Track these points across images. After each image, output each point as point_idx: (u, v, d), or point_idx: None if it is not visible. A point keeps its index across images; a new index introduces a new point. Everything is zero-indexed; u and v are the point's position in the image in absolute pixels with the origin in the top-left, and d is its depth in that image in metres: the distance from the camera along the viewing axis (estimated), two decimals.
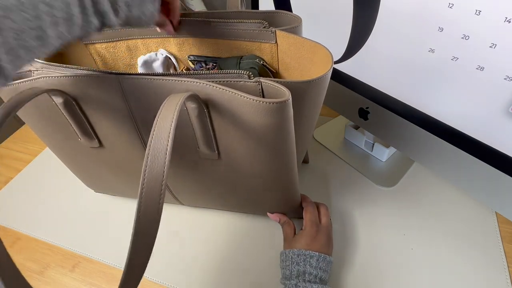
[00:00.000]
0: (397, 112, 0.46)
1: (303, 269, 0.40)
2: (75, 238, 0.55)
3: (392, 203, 0.53)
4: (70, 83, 0.36)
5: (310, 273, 0.40)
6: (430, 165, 0.46)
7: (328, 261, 0.42)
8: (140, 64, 0.46)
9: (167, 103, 0.28)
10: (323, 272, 0.41)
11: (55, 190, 0.63)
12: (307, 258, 0.41)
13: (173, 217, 0.55)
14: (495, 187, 0.39)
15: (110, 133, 0.41)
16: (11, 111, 0.29)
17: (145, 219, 0.25)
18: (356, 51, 0.47)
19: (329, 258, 0.42)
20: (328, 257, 0.42)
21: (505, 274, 0.43)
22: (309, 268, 0.40)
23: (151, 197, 0.25)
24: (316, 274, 0.40)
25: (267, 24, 0.40)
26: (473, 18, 0.32)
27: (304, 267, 0.40)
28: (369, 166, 0.58)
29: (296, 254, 0.41)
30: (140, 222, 0.24)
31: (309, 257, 0.41)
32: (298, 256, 0.41)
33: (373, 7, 0.41)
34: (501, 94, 0.33)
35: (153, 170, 0.25)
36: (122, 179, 0.50)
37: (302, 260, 0.41)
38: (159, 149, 0.25)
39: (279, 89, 0.31)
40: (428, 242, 0.47)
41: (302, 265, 0.40)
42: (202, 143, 0.37)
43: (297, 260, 0.41)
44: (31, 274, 0.51)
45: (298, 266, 0.40)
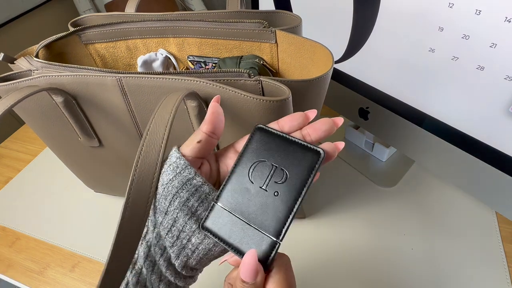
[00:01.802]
0: (397, 112, 0.46)
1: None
2: (75, 238, 0.55)
3: (392, 203, 0.52)
4: (70, 82, 0.36)
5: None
6: (430, 165, 0.46)
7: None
8: (140, 64, 0.46)
9: (166, 98, 0.28)
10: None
11: (55, 190, 0.63)
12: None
13: None
14: (495, 187, 0.39)
15: (110, 133, 0.41)
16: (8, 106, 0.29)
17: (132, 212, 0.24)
18: (356, 51, 0.47)
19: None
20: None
21: (505, 274, 0.43)
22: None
23: (141, 190, 0.24)
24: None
25: (267, 24, 0.40)
26: (473, 18, 0.32)
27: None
28: (369, 166, 0.58)
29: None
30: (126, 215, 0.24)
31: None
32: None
33: (373, 7, 0.41)
34: (501, 94, 0.33)
35: (145, 163, 0.24)
36: (121, 179, 0.50)
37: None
38: (154, 142, 0.25)
39: (279, 88, 0.31)
40: (428, 242, 0.47)
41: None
42: None
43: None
44: (31, 274, 0.51)
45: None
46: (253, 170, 0.23)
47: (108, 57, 0.48)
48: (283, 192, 0.22)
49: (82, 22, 0.47)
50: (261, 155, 0.23)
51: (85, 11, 1.47)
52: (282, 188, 0.22)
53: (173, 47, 0.46)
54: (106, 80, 0.34)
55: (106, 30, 0.45)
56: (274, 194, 0.22)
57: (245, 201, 0.23)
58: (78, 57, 0.47)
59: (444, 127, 0.41)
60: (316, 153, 0.22)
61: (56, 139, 0.45)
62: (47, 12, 1.54)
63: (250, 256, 0.22)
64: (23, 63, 0.39)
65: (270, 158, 0.23)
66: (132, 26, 0.45)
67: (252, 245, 0.22)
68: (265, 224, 0.22)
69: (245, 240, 0.22)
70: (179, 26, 0.44)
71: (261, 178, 0.23)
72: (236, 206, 0.23)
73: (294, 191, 0.22)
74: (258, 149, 0.24)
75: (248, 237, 0.22)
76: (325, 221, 0.51)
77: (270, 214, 0.22)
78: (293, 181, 0.22)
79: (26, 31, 1.46)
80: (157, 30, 0.45)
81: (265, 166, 0.23)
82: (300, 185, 0.22)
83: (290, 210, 0.22)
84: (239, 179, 0.24)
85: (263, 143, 0.24)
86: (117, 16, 0.46)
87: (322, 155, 0.22)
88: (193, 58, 0.46)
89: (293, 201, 0.22)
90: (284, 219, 0.22)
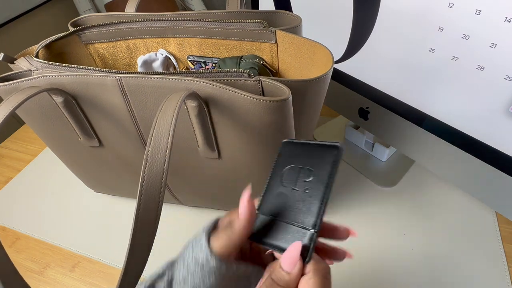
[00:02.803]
0: (397, 112, 0.46)
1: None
2: (75, 238, 0.55)
3: (392, 203, 0.52)
4: (70, 82, 0.36)
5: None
6: (430, 165, 0.46)
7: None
8: (140, 64, 0.46)
9: (167, 101, 0.28)
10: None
11: (55, 190, 0.63)
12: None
13: (173, 217, 0.55)
14: (495, 187, 0.39)
15: (110, 132, 0.41)
16: (10, 109, 0.29)
17: (144, 217, 0.25)
18: (356, 51, 0.47)
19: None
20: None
21: (505, 274, 0.43)
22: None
23: (150, 195, 0.25)
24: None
25: (267, 24, 0.40)
26: (473, 18, 0.32)
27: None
28: (369, 166, 0.58)
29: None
30: (139, 221, 0.24)
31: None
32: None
33: (373, 7, 0.41)
34: (501, 94, 0.33)
35: (153, 168, 0.25)
36: (122, 179, 0.50)
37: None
38: (159, 147, 0.25)
39: (279, 88, 0.31)
40: (428, 242, 0.47)
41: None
42: (202, 142, 0.37)
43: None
44: (31, 274, 0.51)
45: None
46: (284, 176, 0.26)
47: (108, 57, 0.48)
48: (312, 187, 0.24)
49: (82, 22, 0.47)
50: (288, 162, 0.26)
51: (85, 11, 1.47)
52: (310, 184, 0.24)
53: (173, 47, 0.46)
54: (106, 80, 0.34)
55: (106, 30, 0.45)
56: (305, 191, 0.24)
57: (282, 204, 0.25)
58: (78, 57, 0.47)
59: (444, 127, 0.41)
60: (334, 148, 0.24)
61: (56, 139, 0.45)
62: (47, 12, 1.54)
63: (294, 246, 0.22)
64: (23, 63, 0.39)
65: (297, 162, 0.26)
66: (132, 26, 0.45)
67: (292, 240, 0.24)
68: (301, 219, 0.24)
69: (286, 238, 0.24)
70: (179, 26, 0.44)
71: (292, 181, 0.25)
72: (275, 211, 0.26)
73: (321, 184, 0.24)
74: (286, 158, 0.26)
75: (289, 235, 0.24)
76: (325, 220, 0.51)
77: (304, 209, 0.24)
78: (319, 176, 0.24)
79: (26, 31, 1.46)
80: (157, 30, 0.45)
81: (293, 169, 0.26)
82: (326, 178, 0.24)
83: (321, 201, 0.24)
84: (274, 188, 0.26)
85: (289, 152, 0.26)
86: (117, 16, 0.46)
87: (340, 148, 0.24)
88: (193, 58, 0.46)
89: (322, 193, 0.24)
90: (317, 211, 0.24)
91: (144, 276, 0.28)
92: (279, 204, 0.26)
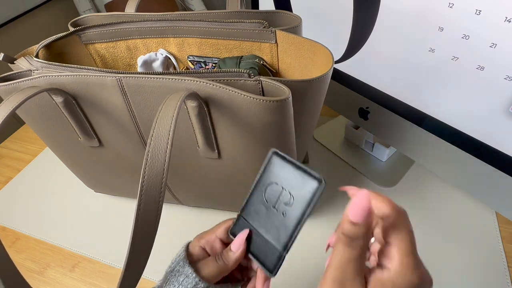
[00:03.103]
0: (397, 112, 0.46)
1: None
2: (75, 238, 0.55)
3: None
4: (70, 82, 0.36)
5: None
6: (430, 165, 0.46)
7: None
8: (140, 64, 0.46)
9: (167, 102, 0.28)
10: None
11: (55, 190, 0.63)
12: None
13: (173, 217, 0.55)
14: (495, 187, 0.39)
15: (110, 132, 0.41)
16: (10, 109, 0.29)
17: (145, 217, 0.25)
18: (356, 51, 0.47)
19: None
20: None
21: (505, 274, 0.43)
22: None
23: (151, 195, 0.25)
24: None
25: (267, 24, 0.40)
26: (473, 18, 0.32)
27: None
28: (369, 166, 0.58)
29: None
30: (139, 221, 0.24)
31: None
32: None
33: (373, 7, 0.41)
34: (501, 94, 0.33)
35: (153, 169, 0.25)
36: (122, 179, 0.50)
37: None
38: (159, 147, 0.25)
39: (279, 88, 0.31)
40: (428, 242, 0.47)
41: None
42: (202, 142, 0.37)
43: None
44: (31, 274, 0.51)
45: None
46: (267, 190, 0.27)
47: (108, 57, 0.48)
48: (289, 214, 0.26)
49: (82, 22, 0.47)
50: (274, 177, 0.27)
51: (85, 11, 1.47)
52: (289, 210, 0.26)
53: (173, 47, 0.46)
54: (106, 80, 0.34)
55: (106, 30, 0.45)
56: (283, 214, 0.26)
57: (262, 216, 0.28)
58: (78, 57, 0.47)
59: (444, 127, 0.41)
60: (318, 181, 0.24)
61: (56, 139, 0.45)
62: (47, 12, 1.54)
63: (362, 194, 0.20)
64: (23, 63, 0.39)
65: (280, 181, 0.27)
66: (132, 26, 0.45)
67: (264, 254, 0.27)
68: (276, 237, 0.26)
69: (261, 250, 0.27)
70: (179, 26, 0.44)
71: (273, 198, 0.27)
72: (255, 218, 0.28)
73: (298, 213, 0.25)
74: (272, 171, 0.27)
75: (263, 248, 0.27)
76: (325, 220, 0.51)
77: (280, 230, 0.26)
78: (298, 204, 0.25)
79: (26, 31, 1.46)
80: (157, 30, 0.45)
81: (276, 187, 0.27)
82: (303, 209, 0.25)
83: (295, 228, 0.25)
84: (257, 197, 0.28)
85: (277, 167, 0.27)
86: (117, 16, 0.46)
87: (323, 184, 0.24)
88: (193, 58, 0.46)
89: (297, 221, 0.25)
90: (289, 235, 0.25)
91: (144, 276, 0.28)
92: (260, 215, 0.28)
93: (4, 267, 0.25)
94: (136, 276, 0.26)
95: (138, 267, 0.26)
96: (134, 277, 0.26)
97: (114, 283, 0.49)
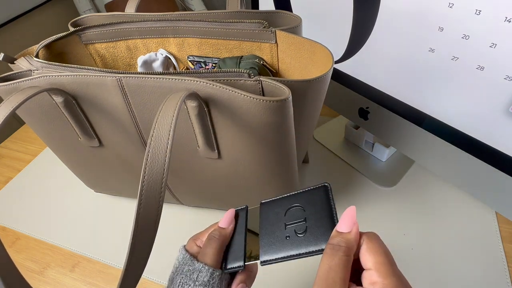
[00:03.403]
0: (397, 112, 0.46)
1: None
2: (75, 238, 0.55)
3: (392, 203, 0.52)
4: (70, 82, 0.36)
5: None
6: (430, 165, 0.46)
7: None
8: (140, 64, 0.46)
9: (167, 102, 0.28)
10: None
11: (55, 190, 0.63)
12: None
13: (173, 217, 0.55)
14: (495, 187, 0.39)
15: (110, 133, 0.41)
16: (10, 109, 0.29)
17: (145, 218, 0.25)
18: (356, 51, 0.47)
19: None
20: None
21: (505, 274, 0.43)
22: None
23: (151, 196, 0.25)
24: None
25: (267, 24, 0.40)
26: (473, 18, 0.32)
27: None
28: (369, 166, 0.58)
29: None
30: (139, 221, 0.24)
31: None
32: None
33: (373, 7, 0.41)
34: (501, 94, 0.33)
35: (153, 169, 0.25)
36: (122, 179, 0.50)
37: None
38: (160, 147, 0.25)
39: (279, 88, 0.31)
40: (428, 242, 0.47)
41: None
42: (202, 142, 0.37)
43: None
44: (31, 274, 0.51)
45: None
46: (291, 209, 0.28)
47: (108, 57, 0.48)
48: (291, 239, 0.26)
49: (82, 22, 0.47)
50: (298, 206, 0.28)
51: (85, 11, 1.47)
52: (292, 237, 0.26)
53: (173, 47, 0.46)
54: (106, 80, 0.34)
55: (106, 30, 0.45)
56: (286, 237, 0.27)
57: (270, 222, 0.28)
58: (78, 57, 0.47)
59: (444, 127, 0.41)
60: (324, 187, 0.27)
61: (56, 139, 0.45)
62: (47, 12, 1.54)
63: (351, 209, 0.25)
64: (23, 63, 0.39)
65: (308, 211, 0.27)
66: (132, 26, 0.45)
67: (236, 251, 0.29)
68: (263, 248, 0.27)
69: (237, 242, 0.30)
70: (179, 26, 0.44)
71: (290, 219, 0.27)
72: (264, 219, 0.29)
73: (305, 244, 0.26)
74: (306, 203, 0.28)
75: (233, 251, 0.29)
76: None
77: (271, 247, 0.27)
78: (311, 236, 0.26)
79: (26, 31, 1.46)
80: (157, 30, 0.45)
81: (300, 214, 0.27)
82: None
83: (282, 256, 0.26)
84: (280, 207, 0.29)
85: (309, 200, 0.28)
86: (117, 16, 0.46)
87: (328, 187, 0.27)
88: (193, 58, 0.46)
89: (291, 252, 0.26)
90: (270, 257, 0.27)
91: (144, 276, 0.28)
92: (268, 221, 0.29)
93: (5, 267, 0.25)
94: (136, 276, 0.26)
95: (138, 267, 0.26)
96: (134, 277, 0.26)
97: (114, 283, 0.49)
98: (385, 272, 0.21)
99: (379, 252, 0.23)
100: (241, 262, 0.28)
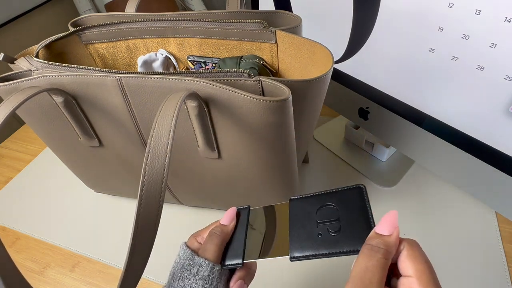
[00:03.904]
0: (397, 112, 0.46)
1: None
2: (75, 238, 0.55)
3: (392, 203, 0.52)
4: (70, 82, 0.36)
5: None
6: (430, 165, 0.46)
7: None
8: (140, 64, 0.46)
9: (167, 102, 0.28)
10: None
11: (55, 190, 0.63)
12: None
13: (173, 217, 0.55)
14: (495, 187, 0.39)
15: (110, 133, 0.41)
16: (10, 109, 0.29)
17: (145, 218, 0.25)
18: (356, 51, 0.47)
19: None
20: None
21: (505, 274, 0.43)
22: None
23: (151, 196, 0.25)
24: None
25: (267, 24, 0.40)
26: (473, 18, 0.32)
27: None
28: (369, 166, 0.58)
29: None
30: (139, 221, 0.24)
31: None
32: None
33: (373, 7, 0.41)
34: (501, 94, 0.33)
35: (153, 169, 0.25)
36: (122, 179, 0.50)
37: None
38: (160, 148, 0.25)
39: (279, 88, 0.31)
40: (428, 242, 0.47)
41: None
42: (202, 142, 0.37)
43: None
44: (31, 274, 0.51)
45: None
46: (324, 207, 0.27)
47: (108, 57, 0.48)
48: (324, 237, 0.25)
49: (82, 22, 0.47)
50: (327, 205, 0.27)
51: (85, 11, 1.47)
52: (325, 234, 0.26)
53: (173, 47, 0.46)
54: (106, 80, 0.34)
55: (106, 30, 0.45)
56: (318, 235, 0.26)
57: (300, 219, 0.28)
58: (78, 57, 0.47)
59: (444, 127, 0.41)
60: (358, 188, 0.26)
61: (56, 139, 0.45)
62: (47, 12, 1.54)
63: (392, 213, 0.23)
64: (23, 63, 0.39)
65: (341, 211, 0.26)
66: (132, 26, 0.45)
67: (236, 249, 0.30)
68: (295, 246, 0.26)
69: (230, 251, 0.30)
70: (179, 26, 0.44)
71: (323, 217, 0.26)
72: (293, 216, 0.28)
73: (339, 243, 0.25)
74: (338, 203, 0.27)
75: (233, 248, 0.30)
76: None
77: (300, 243, 0.26)
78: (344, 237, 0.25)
79: (26, 31, 1.46)
80: (157, 30, 0.45)
81: (334, 213, 0.26)
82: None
83: (313, 253, 0.25)
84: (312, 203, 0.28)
85: (343, 199, 0.27)
86: (117, 16, 0.46)
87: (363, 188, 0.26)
88: (193, 58, 0.46)
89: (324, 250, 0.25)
90: (301, 255, 0.26)
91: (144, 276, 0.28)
92: (298, 219, 0.28)
93: (5, 267, 0.25)
94: (136, 276, 0.26)
95: (138, 267, 0.26)
96: (134, 277, 0.26)
97: (114, 283, 0.49)
98: (426, 281, 0.21)
99: (420, 260, 0.22)
100: (240, 260, 0.28)
